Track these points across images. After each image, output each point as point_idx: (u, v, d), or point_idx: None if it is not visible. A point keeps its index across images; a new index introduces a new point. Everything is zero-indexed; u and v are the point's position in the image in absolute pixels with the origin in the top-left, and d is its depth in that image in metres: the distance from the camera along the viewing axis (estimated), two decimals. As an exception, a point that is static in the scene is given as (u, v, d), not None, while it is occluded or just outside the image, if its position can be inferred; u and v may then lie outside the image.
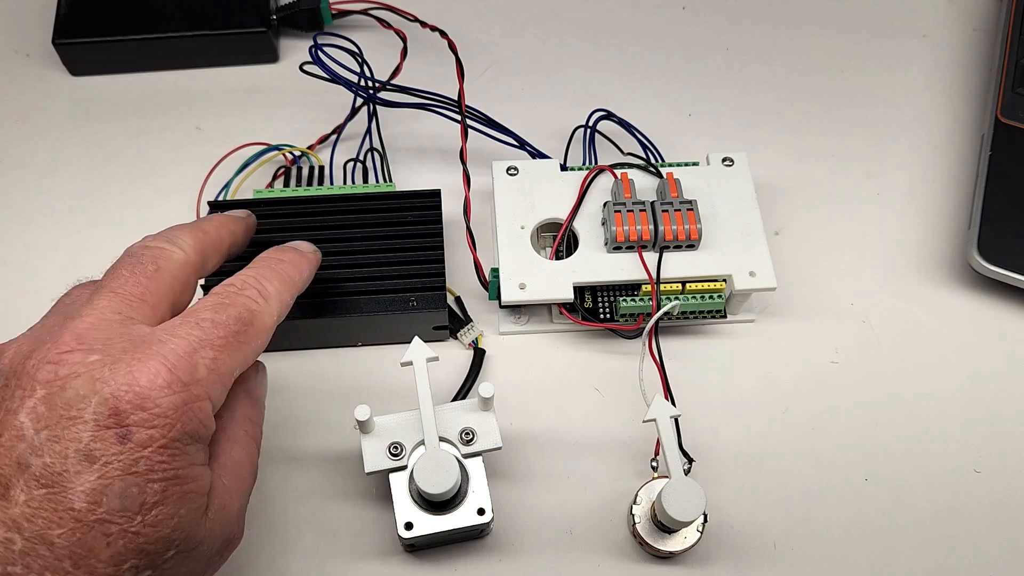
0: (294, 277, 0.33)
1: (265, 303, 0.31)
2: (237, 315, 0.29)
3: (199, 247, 0.32)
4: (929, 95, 0.52)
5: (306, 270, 0.34)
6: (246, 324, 0.29)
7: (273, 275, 0.32)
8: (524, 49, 0.53)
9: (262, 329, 0.30)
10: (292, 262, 0.34)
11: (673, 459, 0.34)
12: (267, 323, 0.30)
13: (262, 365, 0.34)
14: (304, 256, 0.35)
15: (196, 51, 0.50)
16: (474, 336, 0.43)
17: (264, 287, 0.31)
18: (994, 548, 0.38)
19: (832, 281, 0.45)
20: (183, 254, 0.31)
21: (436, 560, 0.38)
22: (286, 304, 0.32)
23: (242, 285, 0.31)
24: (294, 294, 0.33)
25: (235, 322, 0.29)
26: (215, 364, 0.28)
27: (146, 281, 0.29)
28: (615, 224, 0.40)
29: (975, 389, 0.42)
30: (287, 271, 0.33)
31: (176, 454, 0.26)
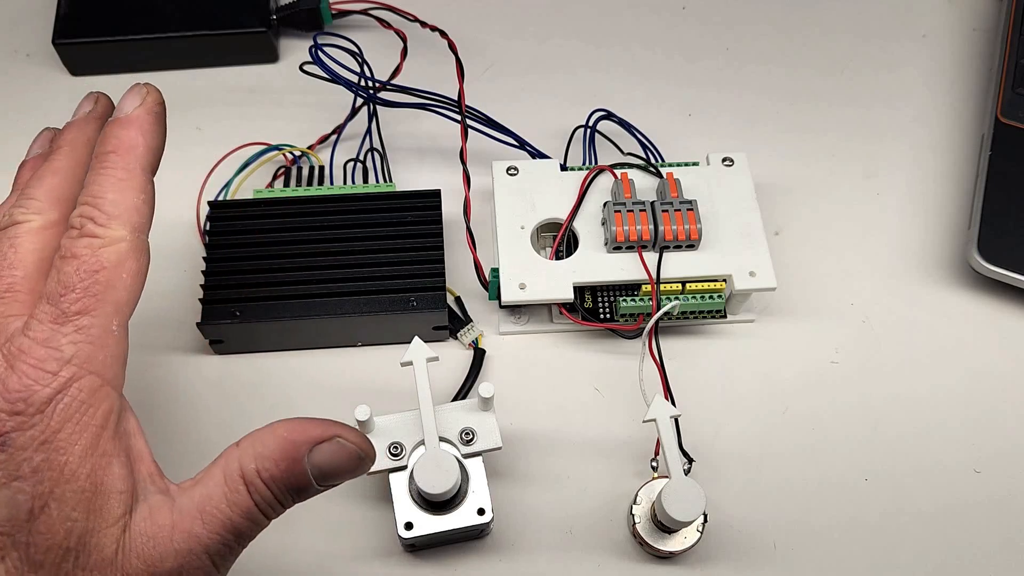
0: (131, 167, 0.28)
1: (109, 230, 0.26)
2: (78, 268, 0.26)
3: (54, 196, 0.28)
4: (929, 95, 0.52)
5: (140, 139, 0.29)
6: (95, 271, 0.26)
7: (105, 184, 0.27)
8: (524, 49, 0.53)
9: (120, 261, 0.26)
10: (121, 146, 0.28)
11: (673, 459, 0.35)
12: (122, 250, 0.26)
13: (351, 441, 0.28)
14: (131, 122, 0.29)
15: (196, 51, 0.50)
16: (474, 336, 0.43)
17: (101, 213, 0.27)
18: (994, 547, 0.38)
19: (832, 281, 0.45)
20: (38, 219, 0.28)
21: (436, 560, 0.38)
22: (137, 207, 0.27)
23: (79, 224, 0.27)
24: (144, 186, 0.28)
25: (80, 278, 0.26)
26: (80, 334, 0.25)
27: (9, 269, 0.27)
28: (615, 224, 0.40)
29: (975, 389, 0.42)
30: (121, 165, 0.28)
31: (62, 447, 0.24)
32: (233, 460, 0.27)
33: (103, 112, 0.32)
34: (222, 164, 0.46)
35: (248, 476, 0.27)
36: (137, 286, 0.27)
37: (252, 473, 0.27)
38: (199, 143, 0.48)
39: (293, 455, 0.27)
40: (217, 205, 0.43)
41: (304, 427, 0.28)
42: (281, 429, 0.28)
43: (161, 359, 0.42)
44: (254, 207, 0.43)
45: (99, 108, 0.33)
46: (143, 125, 0.29)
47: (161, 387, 0.41)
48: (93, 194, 0.27)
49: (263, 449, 0.27)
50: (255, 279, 0.41)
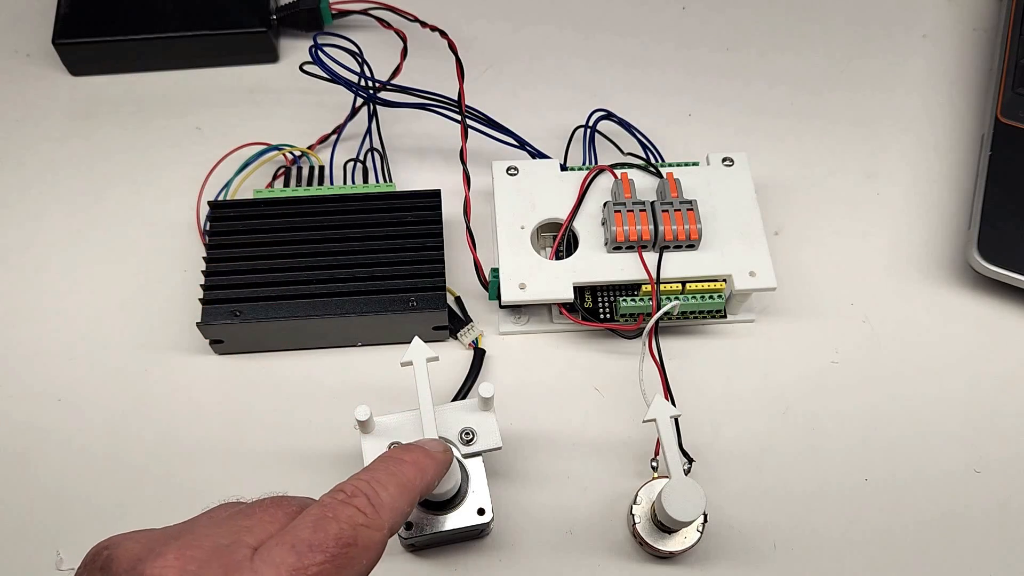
0: (415, 481, 0.29)
1: (375, 514, 0.27)
2: (338, 534, 0.26)
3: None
4: (929, 95, 0.52)
5: (431, 472, 0.31)
6: (348, 544, 0.26)
7: (390, 480, 0.29)
8: (524, 49, 0.53)
9: (369, 547, 0.26)
10: (415, 464, 0.30)
11: (673, 459, 0.34)
12: (375, 539, 0.27)
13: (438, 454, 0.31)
14: (431, 457, 0.31)
15: (196, 51, 0.50)
16: (474, 336, 0.43)
17: (377, 495, 0.28)
18: (994, 548, 0.38)
19: (832, 281, 0.45)
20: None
21: (436, 560, 0.38)
22: (402, 513, 0.28)
23: (352, 492, 0.27)
24: (413, 500, 0.29)
25: (335, 543, 0.25)
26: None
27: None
28: (615, 224, 0.40)
29: (975, 389, 0.42)
30: (407, 474, 0.29)
31: None
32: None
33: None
34: (222, 164, 0.46)
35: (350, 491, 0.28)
36: (366, 574, 0.27)
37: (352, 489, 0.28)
38: (199, 143, 0.48)
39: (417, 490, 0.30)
40: (217, 205, 0.43)
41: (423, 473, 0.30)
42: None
43: (161, 359, 0.42)
44: (254, 207, 0.43)
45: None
46: (439, 465, 0.31)
47: (161, 387, 0.41)
48: (377, 480, 0.28)
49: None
50: (255, 279, 0.41)
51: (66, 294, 0.44)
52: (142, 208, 0.46)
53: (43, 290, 0.44)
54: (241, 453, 0.40)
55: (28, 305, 0.44)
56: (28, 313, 0.44)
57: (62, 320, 0.43)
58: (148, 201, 0.47)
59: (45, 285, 0.44)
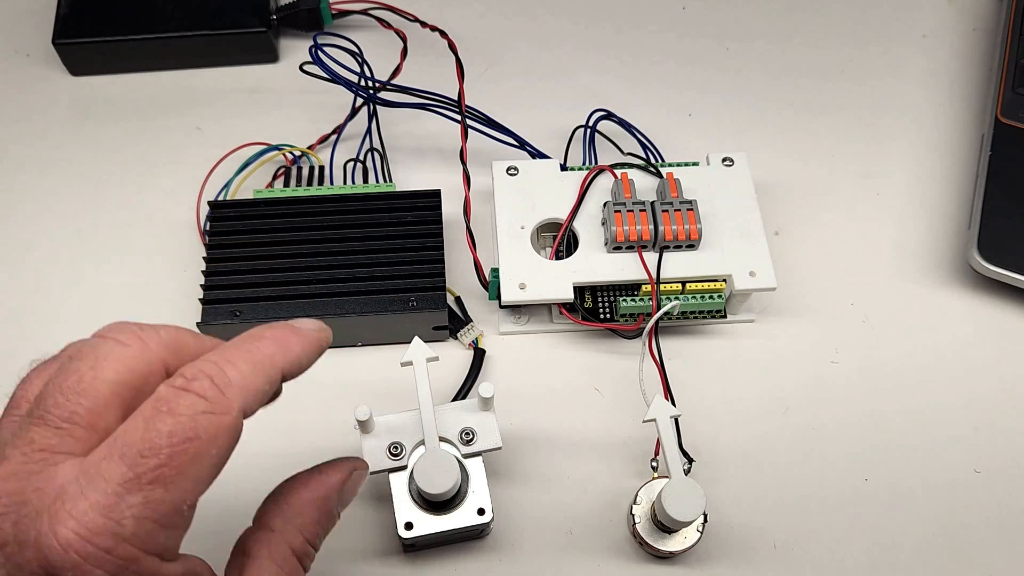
0: (273, 357, 0.26)
1: (220, 396, 0.23)
2: (172, 430, 0.22)
3: (169, 340, 0.25)
4: (929, 95, 0.52)
5: (295, 349, 0.26)
6: (187, 439, 0.22)
7: (242, 357, 0.25)
8: (524, 49, 0.53)
9: (215, 435, 0.23)
10: (276, 339, 0.26)
11: (673, 459, 0.34)
12: (222, 424, 0.23)
13: (360, 466, 0.30)
14: (296, 332, 0.27)
15: (196, 51, 0.50)
16: (474, 336, 0.43)
17: (223, 373, 0.24)
18: (994, 548, 0.38)
19: (832, 281, 0.45)
20: (137, 346, 0.24)
21: (436, 560, 0.38)
22: (256, 392, 0.25)
23: (192, 376, 0.24)
24: (273, 378, 0.26)
25: (170, 441, 0.22)
26: (148, 508, 0.22)
27: (75, 396, 0.23)
28: (615, 224, 0.40)
29: (975, 389, 0.42)
30: (264, 350, 0.25)
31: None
32: (280, 544, 0.27)
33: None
34: (222, 164, 0.46)
35: (300, 552, 0.27)
36: (221, 465, 0.24)
37: (302, 546, 0.27)
38: (199, 143, 0.48)
39: (328, 510, 0.29)
40: (217, 205, 0.43)
41: (324, 480, 0.29)
42: (306, 492, 0.28)
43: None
44: (254, 207, 0.43)
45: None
46: (308, 343, 0.27)
47: (161, 387, 0.41)
48: (225, 357, 0.24)
49: (302, 520, 0.28)
50: (255, 279, 0.41)
51: (66, 294, 0.44)
52: (142, 208, 0.46)
53: (43, 290, 0.44)
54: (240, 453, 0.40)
55: (28, 305, 0.44)
56: (28, 313, 0.44)
57: (62, 320, 0.43)
58: (148, 201, 0.47)
59: (45, 285, 0.44)
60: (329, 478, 0.29)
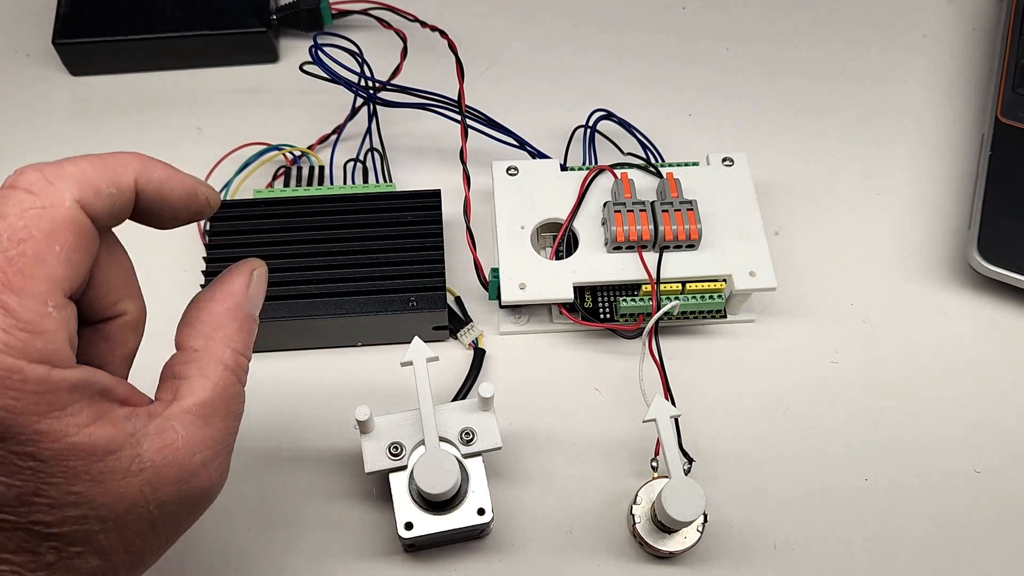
0: (128, 164, 0.25)
1: (48, 187, 0.22)
2: (2, 234, 0.22)
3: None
4: (929, 95, 0.52)
5: (160, 169, 0.26)
6: (20, 241, 0.22)
7: (85, 157, 0.24)
8: (524, 49, 0.53)
9: (53, 232, 0.22)
10: (139, 154, 0.26)
11: (673, 459, 0.34)
12: (57, 218, 0.22)
13: (258, 266, 0.30)
14: (169, 165, 0.27)
15: (196, 51, 0.50)
16: (474, 336, 0.43)
17: (56, 168, 0.23)
18: (994, 548, 0.38)
19: (832, 281, 0.45)
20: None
21: (436, 560, 0.38)
22: (98, 187, 0.24)
23: (20, 171, 0.23)
24: (120, 180, 0.25)
25: (5, 246, 0.21)
26: (9, 317, 0.21)
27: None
28: (615, 224, 0.40)
29: (975, 389, 0.42)
30: (118, 156, 0.25)
31: (27, 439, 0.22)
32: (208, 360, 0.27)
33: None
34: (222, 164, 0.46)
35: (231, 364, 0.27)
36: (79, 261, 0.23)
37: (232, 357, 0.27)
38: (199, 143, 0.48)
39: (244, 315, 0.28)
40: (217, 205, 0.43)
41: (230, 289, 0.28)
42: (216, 306, 0.28)
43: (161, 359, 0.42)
44: (254, 207, 0.43)
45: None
46: (175, 171, 0.27)
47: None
48: (55, 162, 0.23)
49: (223, 332, 0.27)
50: (255, 279, 0.41)
51: (66, 294, 0.44)
52: (142, 208, 0.46)
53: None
54: (241, 453, 0.40)
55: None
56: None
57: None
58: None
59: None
60: (233, 285, 0.28)
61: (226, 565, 0.37)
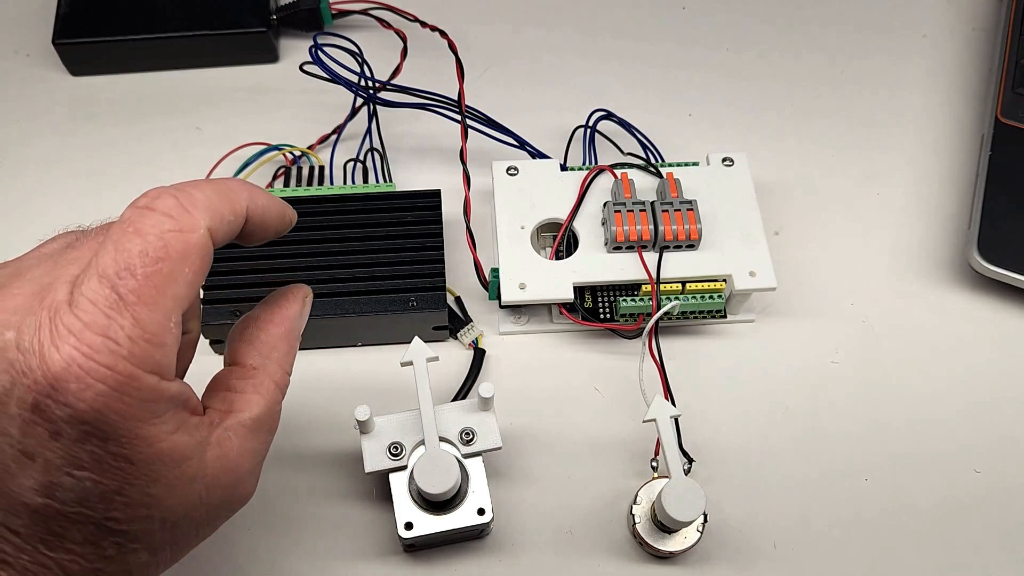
0: (240, 193, 0.27)
1: (185, 214, 0.24)
2: (143, 250, 0.23)
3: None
4: (929, 95, 0.52)
5: (262, 197, 0.28)
6: (159, 259, 0.23)
7: (206, 184, 0.26)
8: (524, 49, 0.53)
9: (186, 253, 0.24)
10: (241, 182, 0.28)
11: (673, 459, 0.35)
12: (191, 242, 0.24)
13: (308, 293, 0.31)
14: (263, 190, 0.28)
15: (196, 51, 0.50)
16: (474, 336, 0.43)
17: (188, 193, 0.24)
18: (994, 547, 0.38)
19: (832, 281, 0.45)
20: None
21: (436, 560, 0.38)
22: (221, 215, 0.25)
23: (155, 195, 0.24)
24: (237, 209, 0.26)
25: (142, 263, 0.23)
26: (138, 328, 0.23)
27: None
28: (615, 224, 0.40)
29: (975, 388, 0.42)
30: (231, 185, 0.27)
31: (126, 442, 0.23)
32: (264, 379, 0.29)
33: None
34: (222, 164, 0.46)
35: (281, 384, 0.29)
36: (197, 283, 0.25)
37: (283, 378, 0.29)
38: (199, 143, 0.48)
39: (295, 340, 0.30)
40: (217, 205, 0.43)
41: (286, 314, 0.30)
42: (274, 328, 0.30)
43: (161, 359, 0.42)
44: (254, 207, 0.43)
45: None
46: (274, 201, 0.29)
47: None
48: (190, 183, 0.25)
49: (278, 354, 0.29)
50: (255, 279, 0.41)
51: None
52: (142, 208, 0.46)
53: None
54: (241, 453, 0.40)
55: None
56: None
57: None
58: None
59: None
60: (289, 310, 0.30)
61: (226, 565, 0.37)
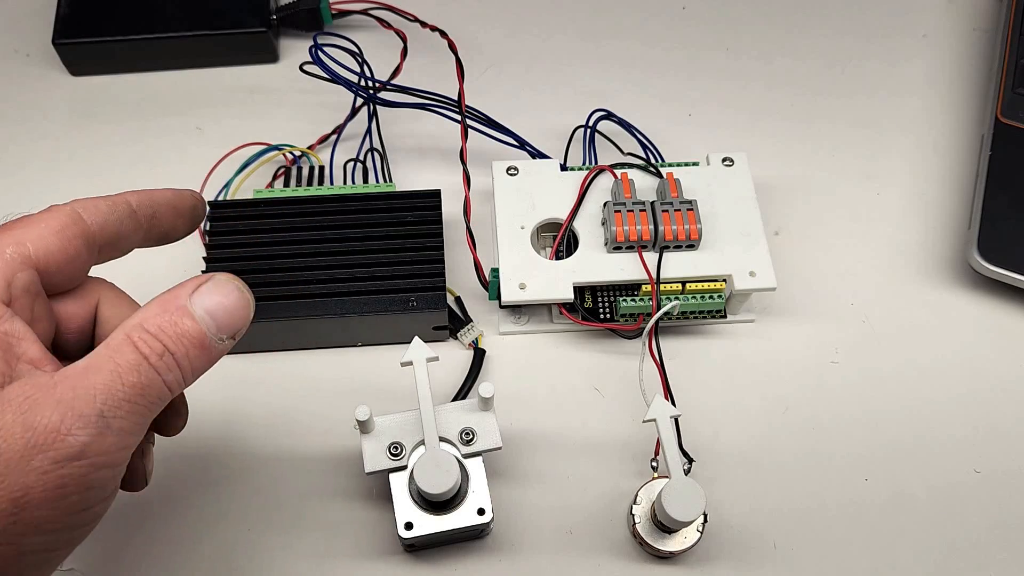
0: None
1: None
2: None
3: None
4: (929, 95, 0.52)
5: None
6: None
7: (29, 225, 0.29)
8: (524, 49, 0.53)
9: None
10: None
11: (673, 459, 0.34)
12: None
13: (225, 278, 0.28)
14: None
15: (196, 51, 0.50)
16: (474, 336, 0.43)
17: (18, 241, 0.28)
18: (994, 548, 0.38)
19: (832, 281, 0.45)
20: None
21: (436, 560, 0.38)
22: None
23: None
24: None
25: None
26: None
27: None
28: (615, 224, 0.40)
29: (975, 389, 0.42)
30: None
31: None
32: (117, 333, 0.26)
33: (190, 195, 0.32)
34: (222, 164, 0.46)
35: (135, 338, 0.26)
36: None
37: (138, 332, 0.26)
38: (199, 143, 0.48)
39: (176, 305, 0.27)
40: (217, 205, 0.43)
41: (179, 285, 0.28)
42: (159, 296, 0.27)
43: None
44: (254, 207, 0.43)
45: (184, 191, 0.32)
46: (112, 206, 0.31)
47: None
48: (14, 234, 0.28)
49: (146, 313, 0.27)
50: (255, 279, 0.40)
51: (66, 294, 0.44)
52: (142, 208, 0.46)
53: (43, 290, 0.44)
54: (241, 453, 0.40)
55: (28, 305, 0.44)
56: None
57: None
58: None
59: (45, 285, 0.44)
60: (182, 284, 0.28)
61: (226, 565, 0.37)
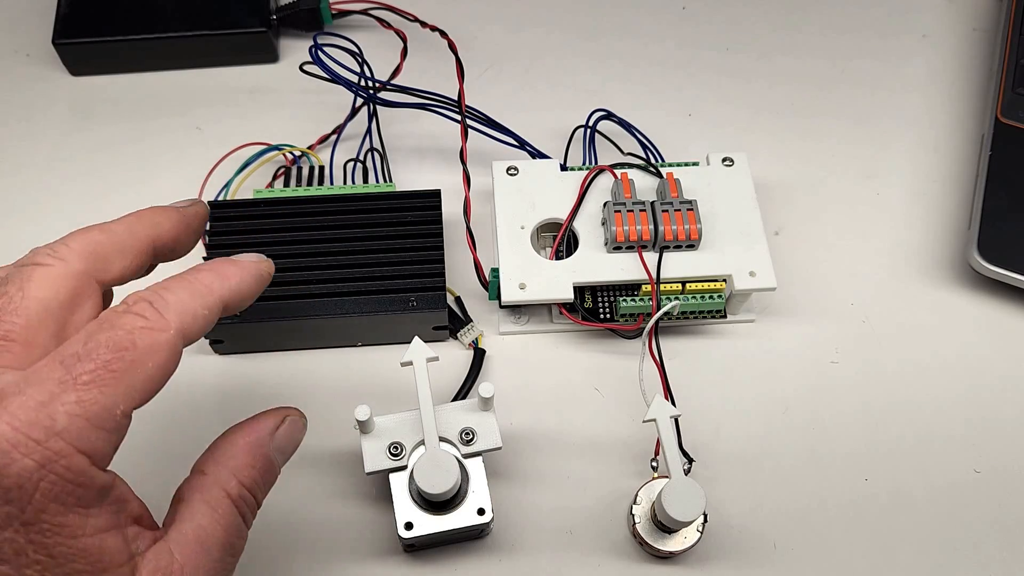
0: (212, 286, 0.27)
1: (158, 316, 0.25)
2: (110, 340, 0.24)
3: (89, 251, 0.27)
4: (929, 95, 0.52)
5: (233, 278, 0.28)
6: (124, 348, 0.24)
7: (180, 285, 0.27)
8: (524, 49, 0.53)
9: (153, 348, 0.24)
10: (215, 270, 0.28)
11: (673, 459, 0.34)
12: (159, 340, 0.25)
13: (296, 416, 0.31)
14: (235, 263, 0.29)
15: (196, 51, 0.50)
16: (474, 336, 0.43)
17: (161, 298, 0.26)
18: (994, 547, 0.38)
19: (832, 281, 0.45)
20: (62, 265, 0.26)
21: (436, 560, 0.38)
22: (195, 315, 0.26)
23: (133, 301, 0.25)
24: (211, 304, 0.27)
25: (107, 349, 0.24)
26: (81, 407, 0.23)
27: (10, 315, 0.25)
28: (615, 224, 0.40)
29: (975, 389, 0.42)
30: (202, 279, 0.27)
31: (48, 529, 0.23)
32: (212, 487, 0.28)
33: (191, 214, 0.32)
34: (222, 164, 0.46)
35: (235, 496, 0.28)
36: (158, 380, 0.25)
37: (237, 489, 0.28)
38: (199, 143, 0.48)
39: (262, 454, 0.29)
40: (217, 205, 0.43)
41: (255, 425, 0.30)
42: (238, 437, 0.29)
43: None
44: (254, 207, 0.43)
45: (189, 211, 0.32)
46: (247, 272, 0.29)
47: (161, 387, 0.41)
48: (164, 285, 0.26)
49: (235, 463, 0.28)
50: (255, 279, 0.41)
51: (66, 294, 0.44)
52: (142, 208, 0.46)
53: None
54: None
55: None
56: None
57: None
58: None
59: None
60: (261, 423, 0.30)
61: (226, 565, 0.37)
